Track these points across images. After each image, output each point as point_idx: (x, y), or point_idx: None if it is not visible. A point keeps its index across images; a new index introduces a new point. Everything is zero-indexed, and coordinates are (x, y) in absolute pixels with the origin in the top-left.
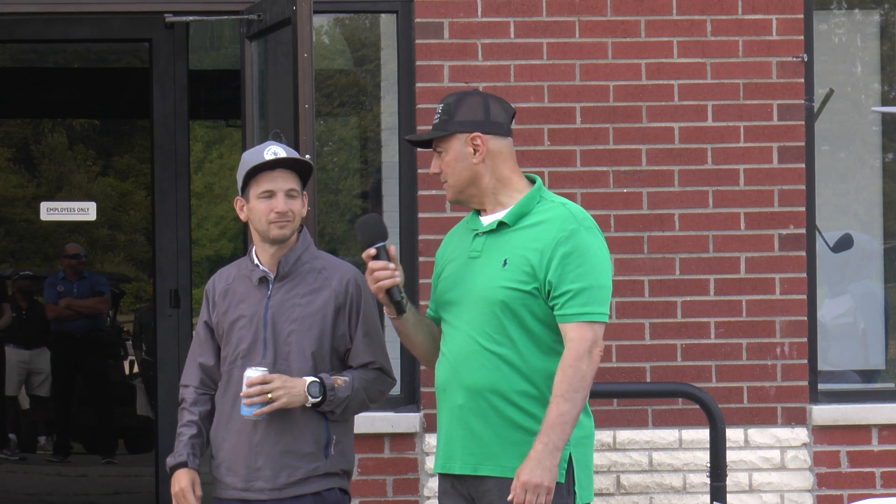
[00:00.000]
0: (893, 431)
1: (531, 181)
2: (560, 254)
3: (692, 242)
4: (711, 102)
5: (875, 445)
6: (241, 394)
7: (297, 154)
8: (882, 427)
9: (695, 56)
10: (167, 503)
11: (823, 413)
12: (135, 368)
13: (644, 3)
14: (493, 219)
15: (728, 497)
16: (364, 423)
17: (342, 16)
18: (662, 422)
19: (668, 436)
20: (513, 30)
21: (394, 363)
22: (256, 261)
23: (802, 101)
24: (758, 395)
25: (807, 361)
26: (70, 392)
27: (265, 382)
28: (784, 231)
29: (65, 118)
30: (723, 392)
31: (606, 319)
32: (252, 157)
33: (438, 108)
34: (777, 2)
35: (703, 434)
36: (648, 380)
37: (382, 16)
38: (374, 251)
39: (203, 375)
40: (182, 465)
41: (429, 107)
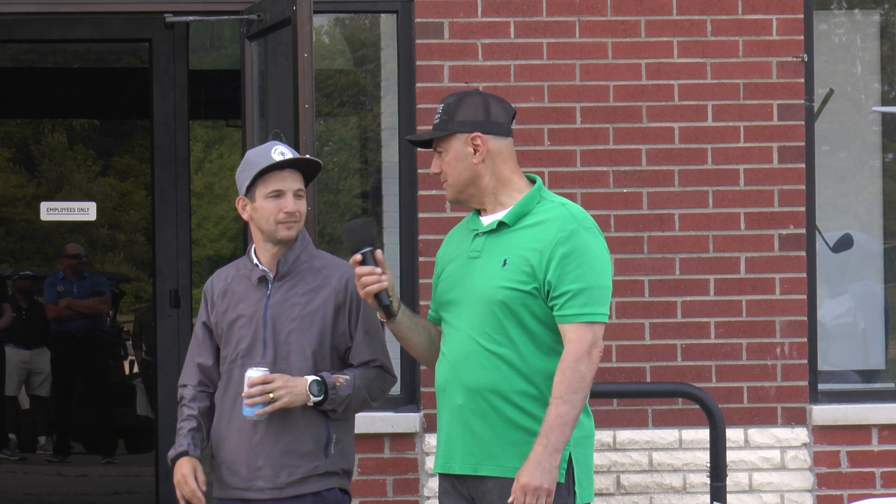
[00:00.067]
0: (893, 431)
1: (531, 181)
2: (559, 254)
3: (692, 242)
4: (711, 102)
5: (875, 445)
6: (243, 394)
7: (299, 154)
8: (882, 427)
9: (695, 56)
10: (167, 503)
11: (823, 413)
12: (135, 368)
13: (644, 3)
14: (493, 219)
15: (728, 497)
16: (364, 423)
17: (342, 16)
18: (662, 422)
19: (668, 436)
20: (513, 30)
21: (394, 362)
22: (256, 260)
23: (802, 101)
24: (758, 395)
25: (807, 361)
26: (70, 392)
27: (266, 382)
28: (784, 231)
29: (65, 118)
30: (723, 392)
31: (606, 319)
32: (260, 157)
33: (439, 108)
34: (777, 2)
35: (703, 434)
36: (648, 380)
37: (382, 16)
38: (360, 257)
39: (202, 376)
40: (183, 455)
41: (429, 107)
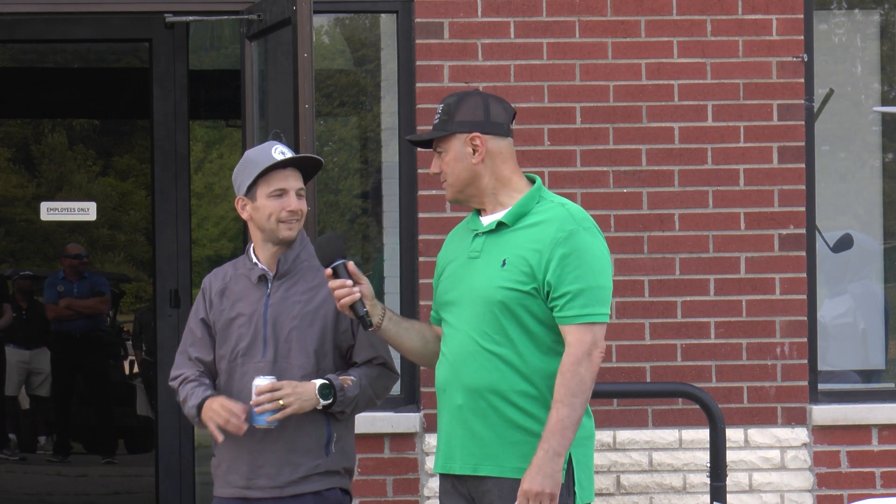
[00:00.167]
0: (893, 431)
1: (531, 181)
2: (559, 255)
3: (692, 242)
4: (711, 102)
5: (875, 445)
6: (251, 402)
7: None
8: (882, 427)
9: (695, 56)
10: (167, 503)
11: (823, 413)
12: (135, 368)
13: (644, 3)
14: (493, 219)
15: (728, 497)
16: (364, 423)
17: (342, 16)
18: (662, 422)
19: (668, 436)
20: (513, 30)
21: (394, 362)
22: (255, 259)
23: (802, 101)
24: (758, 395)
25: (807, 361)
26: (70, 392)
27: (275, 390)
28: (784, 231)
29: (65, 118)
30: (723, 392)
31: (606, 320)
32: (261, 157)
33: (439, 109)
34: (777, 2)
35: (703, 434)
36: (648, 380)
37: (382, 16)
38: (331, 271)
39: (201, 368)
40: (209, 398)
41: (429, 107)
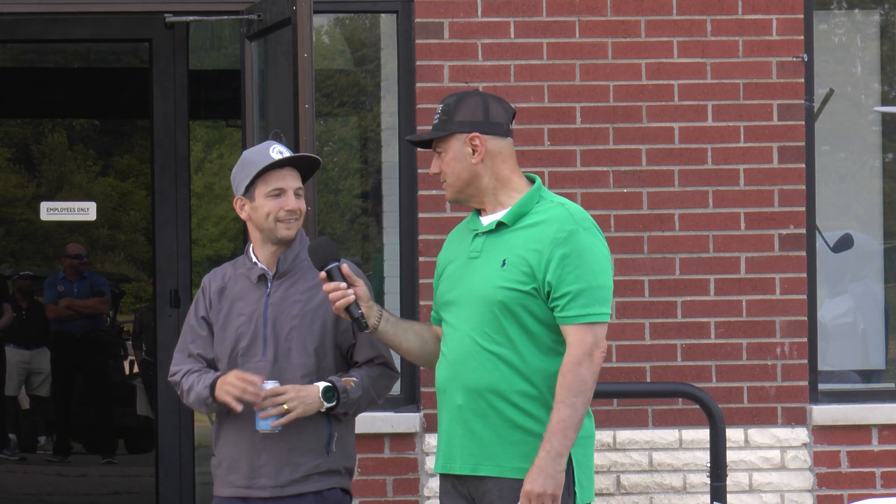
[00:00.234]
0: (893, 431)
1: (531, 181)
2: (559, 255)
3: (692, 242)
4: (711, 102)
5: (875, 445)
6: (255, 408)
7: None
8: (882, 427)
9: (695, 56)
10: (167, 503)
11: (823, 413)
12: (135, 368)
13: (644, 3)
14: (493, 219)
15: (728, 497)
16: (364, 423)
17: (342, 16)
18: (662, 422)
19: (668, 436)
20: (513, 30)
21: (395, 361)
22: (255, 259)
23: (802, 101)
24: (758, 395)
25: (807, 361)
26: (70, 392)
27: (278, 394)
28: (784, 231)
29: (65, 118)
30: (723, 392)
31: (607, 319)
32: (259, 157)
33: (438, 109)
34: (777, 2)
35: (703, 434)
36: (648, 380)
37: (382, 16)
38: (325, 274)
39: (205, 364)
40: (220, 376)
41: (429, 107)
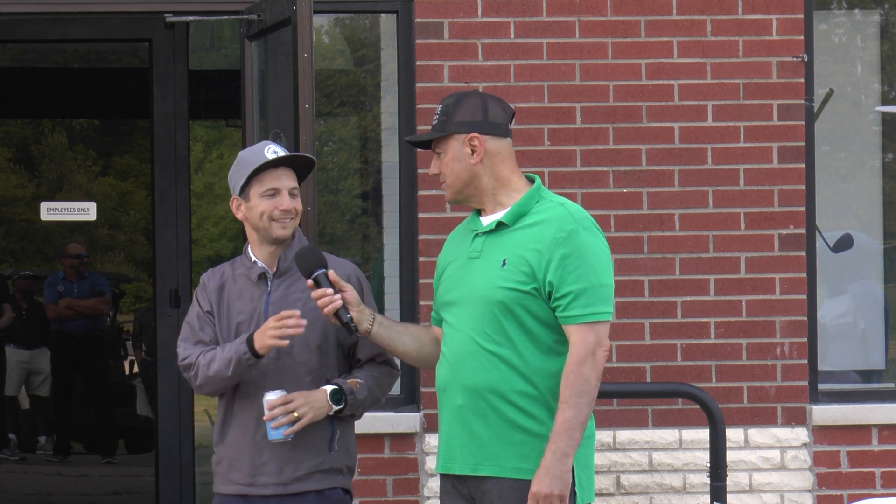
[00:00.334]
0: (893, 431)
1: (531, 181)
2: (559, 255)
3: (692, 242)
4: (711, 102)
5: (875, 445)
6: (265, 418)
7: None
8: (882, 427)
9: (695, 56)
10: (167, 503)
11: (823, 413)
12: (135, 368)
13: (644, 3)
14: (493, 219)
15: (728, 497)
16: (364, 423)
17: (342, 16)
18: (662, 422)
19: (668, 436)
20: (513, 30)
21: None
22: (254, 258)
23: (802, 101)
24: (758, 395)
25: (807, 361)
26: (70, 392)
27: (287, 402)
28: (784, 231)
29: (65, 118)
30: (723, 392)
31: (610, 318)
32: (253, 156)
33: (438, 109)
34: (777, 2)
35: (703, 434)
36: (648, 380)
37: (382, 16)
38: (312, 282)
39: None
40: (251, 336)
41: (429, 107)
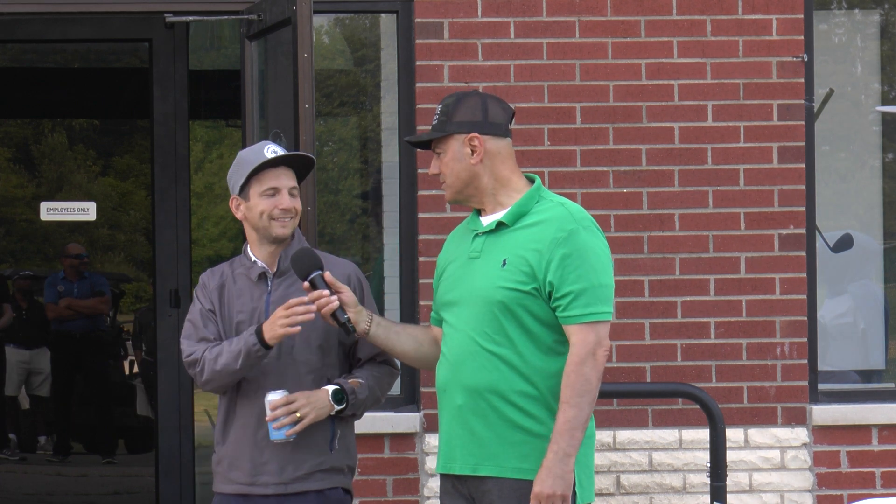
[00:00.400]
0: (893, 431)
1: (531, 181)
2: (559, 255)
3: (692, 242)
4: (711, 102)
5: (875, 445)
6: (267, 418)
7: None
8: (882, 427)
9: (695, 56)
10: (167, 503)
11: (823, 413)
12: (135, 368)
13: (644, 3)
14: (493, 219)
15: (728, 497)
16: (364, 423)
17: (342, 16)
18: (662, 422)
19: (668, 436)
20: (513, 30)
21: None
22: (253, 258)
23: (802, 101)
24: (758, 395)
25: (807, 361)
26: (70, 392)
27: (289, 403)
28: (784, 231)
29: (65, 118)
30: (723, 392)
31: (610, 318)
32: (253, 156)
33: (437, 109)
34: (777, 2)
35: (703, 434)
36: (648, 380)
37: (382, 16)
38: (308, 284)
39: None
40: (259, 327)
41: (429, 107)
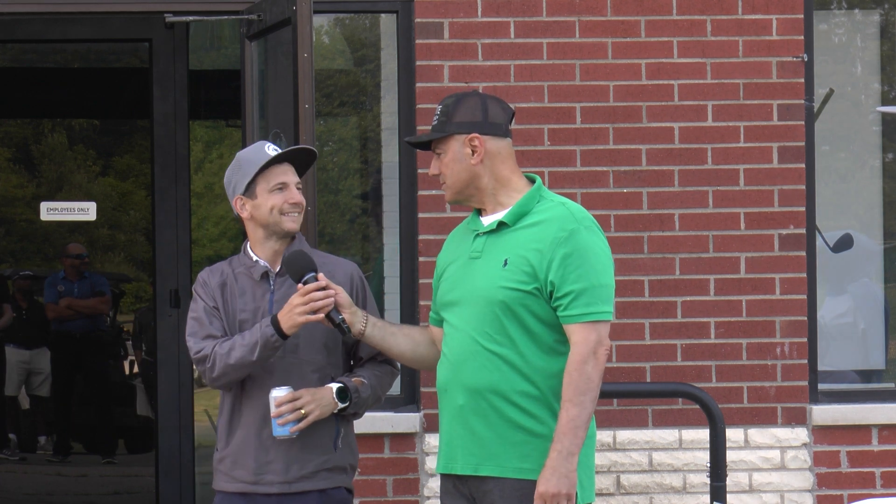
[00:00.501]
0: (893, 431)
1: (531, 181)
2: (560, 255)
3: (692, 242)
4: (711, 102)
5: (875, 445)
6: (273, 414)
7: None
8: (882, 427)
9: (695, 56)
10: (167, 503)
11: (823, 413)
12: (135, 368)
13: (644, 3)
14: (494, 219)
15: (728, 497)
16: (364, 423)
17: (342, 16)
18: (662, 422)
19: (668, 436)
20: (513, 30)
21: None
22: (255, 257)
23: (802, 101)
24: (758, 395)
25: (807, 361)
26: (70, 392)
27: (294, 399)
28: (784, 231)
29: (65, 118)
30: (723, 392)
31: (610, 318)
32: (255, 156)
33: (437, 110)
34: (777, 2)
35: (703, 434)
36: (648, 380)
37: (382, 16)
38: (303, 285)
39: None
40: (275, 317)
41: (429, 107)
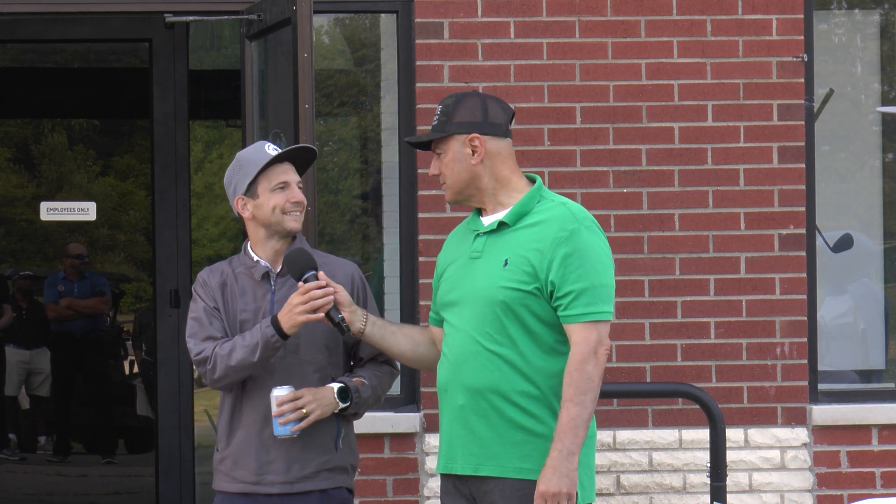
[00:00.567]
0: (893, 431)
1: (531, 181)
2: (561, 254)
3: (692, 242)
4: (711, 102)
5: (875, 445)
6: (274, 414)
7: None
8: (882, 427)
9: (695, 56)
10: (167, 503)
11: (823, 413)
12: (135, 368)
13: (644, 3)
14: (494, 219)
15: (728, 497)
16: (364, 423)
17: (342, 16)
18: (662, 422)
19: (668, 436)
20: (513, 30)
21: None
22: (255, 257)
23: (802, 101)
24: (758, 395)
25: (807, 361)
26: (70, 392)
27: (296, 399)
28: (784, 231)
29: (65, 118)
30: (723, 392)
31: (611, 317)
32: (255, 156)
33: (437, 110)
34: (777, 2)
35: (703, 434)
36: (648, 380)
37: (382, 16)
38: (303, 283)
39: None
40: (275, 317)
41: (429, 107)
